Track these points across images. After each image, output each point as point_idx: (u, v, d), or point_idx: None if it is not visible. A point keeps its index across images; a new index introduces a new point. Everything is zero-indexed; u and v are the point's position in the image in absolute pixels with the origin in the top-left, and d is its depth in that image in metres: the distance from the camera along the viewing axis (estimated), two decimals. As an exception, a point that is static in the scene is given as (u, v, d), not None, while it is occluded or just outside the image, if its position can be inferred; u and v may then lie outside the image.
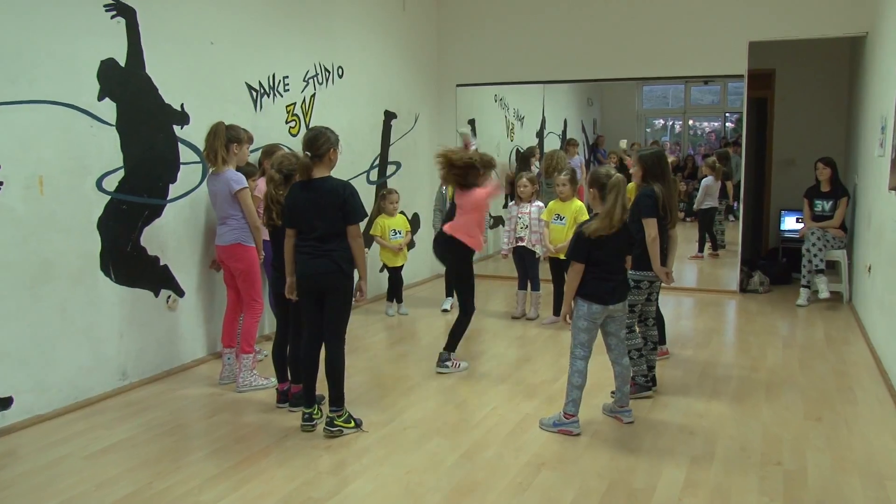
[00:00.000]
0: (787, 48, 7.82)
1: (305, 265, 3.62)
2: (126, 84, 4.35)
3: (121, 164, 4.34)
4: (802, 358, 5.05)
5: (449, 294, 6.69)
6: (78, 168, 4.10)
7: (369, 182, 7.08)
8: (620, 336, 3.77)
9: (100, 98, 4.20)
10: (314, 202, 3.58)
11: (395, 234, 6.37)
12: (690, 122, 9.51)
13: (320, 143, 3.59)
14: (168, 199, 4.69)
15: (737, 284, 7.41)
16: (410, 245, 6.58)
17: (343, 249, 3.60)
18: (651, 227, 4.01)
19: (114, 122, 4.29)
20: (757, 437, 3.65)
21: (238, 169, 4.47)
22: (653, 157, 4.14)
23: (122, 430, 3.82)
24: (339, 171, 6.16)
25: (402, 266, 6.49)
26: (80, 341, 4.16)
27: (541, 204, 6.16)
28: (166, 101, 4.64)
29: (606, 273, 3.59)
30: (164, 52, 4.60)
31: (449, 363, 4.80)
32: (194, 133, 4.81)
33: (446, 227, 4.76)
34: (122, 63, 4.34)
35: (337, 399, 3.69)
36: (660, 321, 4.79)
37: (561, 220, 5.88)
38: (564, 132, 9.13)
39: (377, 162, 7.19)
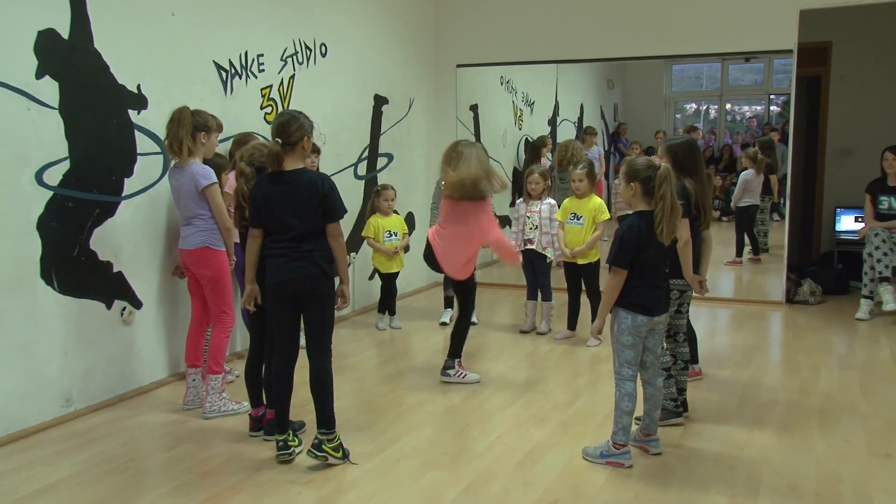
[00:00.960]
0: (847, 17, 7.78)
1: (280, 269, 3.63)
2: (70, 60, 4.34)
3: (65, 153, 4.33)
4: (864, 381, 5.02)
5: (448, 305, 6.70)
6: (12, 158, 4.08)
7: (357, 177, 7.08)
8: (658, 353, 3.78)
9: (38, 76, 4.18)
10: (288, 197, 3.59)
11: (391, 235, 6.38)
12: (728, 106, 9.51)
13: (293, 130, 3.61)
14: (122, 195, 4.68)
15: (782, 294, 7.40)
16: (405, 249, 6.59)
17: (323, 250, 3.63)
18: (683, 228, 3.99)
19: (56, 105, 4.27)
20: (810, 475, 3.61)
21: (206, 161, 4.48)
22: (683, 146, 4.13)
23: (65, 466, 3.79)
24: (326, 164, 6.28)
25: (398, 273, 6.52)
26: (14, 362, 4.13)
27: (552, 202, 6.16)
28: (119, 82, 4.64)
29: (652, 279, 3.62)
30: (115, 23, 4.60)
31: (452, 371, 4.87)
32: (154, 119, 4.81)
33: (433, 236, 4.77)
34: (65, 35, 4.32)
35: (327, 421, 3.70)
36: (691, 337, 4.78)
37: (578, 219, 5.88)
38: (580, 119, 9.14)
39: (366, 154, 7.20)
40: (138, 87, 4.76)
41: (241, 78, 5.59)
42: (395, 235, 6.41)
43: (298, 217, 3.59)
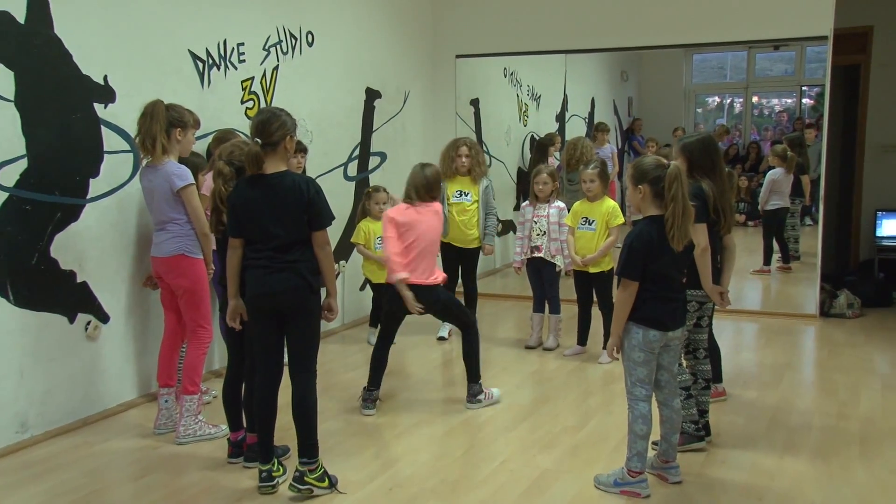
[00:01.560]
0: (891, -1, 7.76)
1: (263, 282, 3.63)
2: (27, 47, 4.33)
3: (22, 151, 4.33)
4: (909, 403, 5.02)
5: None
6: (-38, 156, 4.09)
7: (347, 178, 7.09)
8: (674, 371, 3.78)
9: (-11, 64, 4.20)
10: (270, 203, 3.59)
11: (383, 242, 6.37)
12: (755, 98, 9.52)
13: (273, 129, 3.61)
14: (88, 197, 4.67)
15: (816, 306, 7.39)
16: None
17: (309, 260, 3.65)
18: (700, 234, 3.99)
19: (11, 97, 4.27)
20: (849, 507, 3.61)
21: (182, 160, 4.49)
22: (699, 144, 4.12)
23: (19, 499, 3.76)
24: (312, 165, 6.28)
25: (390, 283, 6.52)
26: (-33, 381, 4.13)
27: (562, 205, 6.17)
28: (84, 72, 4.64)
29: (666, 291, 3.61)
30: (79, 6, 4.60)
31: (482, 396, 4.92)
32: (123, 114, 4.81)
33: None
34: (21, 19, 4.32)
35: (309, 449, 3.69)
36: (714, 353, 4.77)
37: (590, 224, 5.88)
38: (591, 115, 9.15)
39: (357, 153, 7.20)
40: (105, 78, 4.75)
41: (219, 69, 5.60)
42: (389, 242, 6.41)
43: (282, 225, 3.59)
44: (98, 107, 4.72)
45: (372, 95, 7.38)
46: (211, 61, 5.53)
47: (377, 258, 6.31)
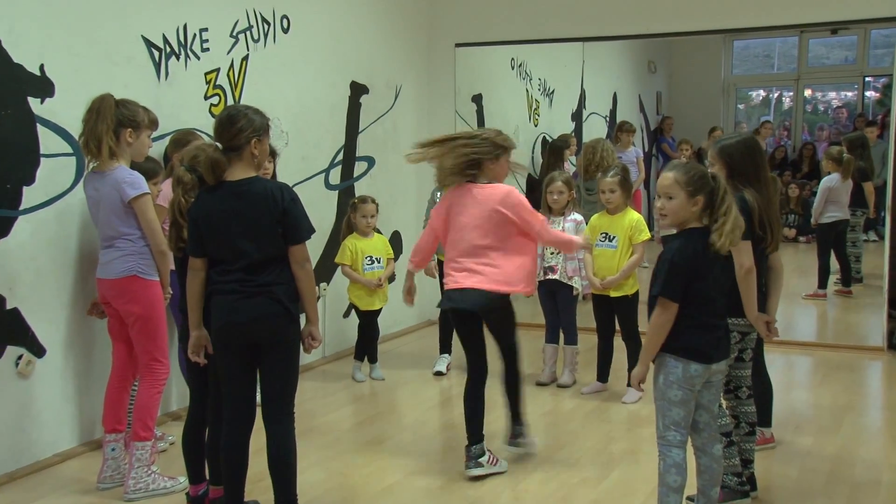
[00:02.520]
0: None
1: (232, 309, 3.63)
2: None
3: (-59, 154, 4.35)
4: None
5: (445, 350, 6.71)
6: None
7: (329, 187, 7.10)
8: (714, 411, 3.76)
9: None
10: (238, 214, 3.61)
11: (372, 262, 6.39)
12: (808, 92, 9.55)
13: (236, 129, 3.64)
14: (20, 208, 4.67)
15: (882, 338, 7.36)
16: (390, 279, 6.57)
17: (287, 282, 3.66)
18: (744, 253, 3.97)
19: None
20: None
21: (134, 166, 4.49)
22: (741, 146, 4.13)
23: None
24: (287, 172, 6.28)
25: (381, 310, 6.53)
26: None
27: (579, 218, 6.18)
28: (15, 60, 4.64)
29: (709, 316, 3.62)
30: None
31: (524, 440, 4.92)
32: (63, 110, 4.81)
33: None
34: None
35: (287, 507, 3.71)
36: (765, 392, 4.75)
37: (610, 240, 5.88)
38: (613, 113, 9.18)
39: (340, 157, 7.22)
40: (41, 68, 4.76)
41: (178, 59, 5.60)
42: (378, 262, 6.41)
43: (252, 240, 3.60)
44: (33, 102, 4.71)
45: (358, 91, 7.39)
46: (169, 49, 5.53)
47: (365, 282, 6.31)
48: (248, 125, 3.65)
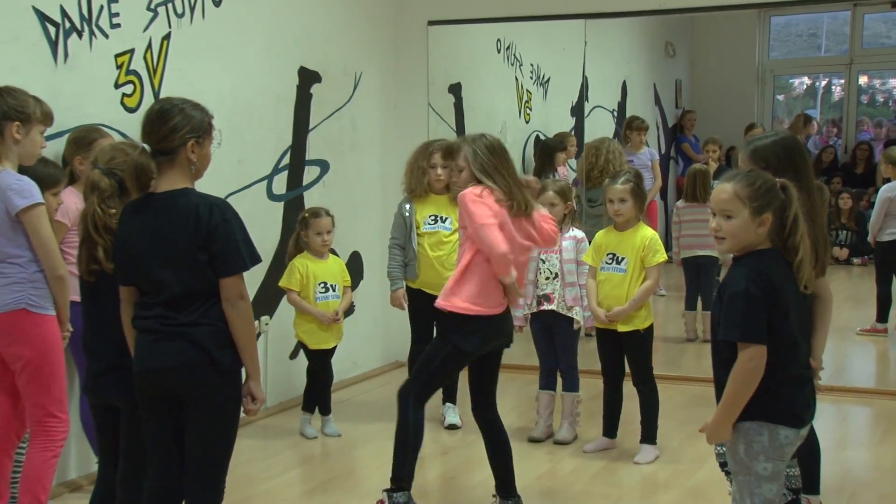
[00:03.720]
0: None
1: (148, 353, 3.64)
2: None
3: None
4: None
5: (449, 399, 6.65)
6: None
7: (273, 197, 7.06)
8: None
9: None
10: (156, 237, 3.62)
11: (326, 290, 6.35)
12: (863, 80, 9.58)
13: (169, 128, 3.63)
14: None
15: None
16: (348, 311, 6.53)
17: (213, 322, 3.64)
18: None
19: None
20: None
21: (24, 170, 4.45)
22: (778, 148, 4.14)
23: None
24: (220, 178, 6.22)
25: (335, 349, 6.49)
26: None
27: (580, 234, 6.18)
28: None
29: (797, 365, 3.60)
30: None
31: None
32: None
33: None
34: None
35: None
36: (808, 451, 4.71)
37: (619, 262, 5.86)
38: (622, 106, 9.20)
39: (287, 161, 7.18)
40: None
41: (81, 37, 5.52)
42: (334, 290, 6.36)
43: (171, 268, 3.59)
44: None
45: (308, 79, 7.35)
46: (69, 25, 5.44)
47: (319, 314, 6.26)
48: (184, 123, 3.62)
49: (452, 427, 6.55)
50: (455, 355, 4.82)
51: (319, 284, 6.30)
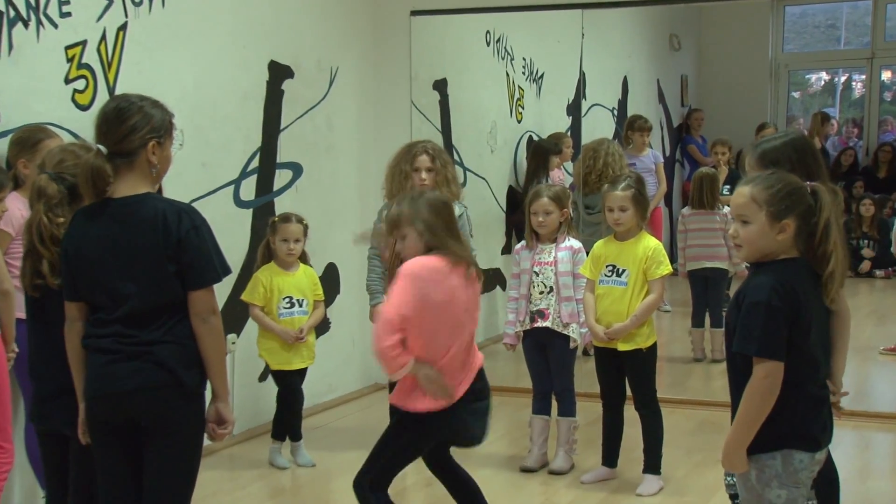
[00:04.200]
0: None
1: (103, 375, 3.64)
2: None
3: None
4: None
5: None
6: None
7: (240, 203, 7.06)
8: None
9: None
10: (117, 245, 3.62)
11: (292, 305, 6.34)
12: (886, 75, 9.61)
13: (128, 128, 3.62)
14: None
15: None
16: (322, 328, 6.49)
17: (179, 340, 3.65)
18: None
19: None
20: None
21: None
22: (788, 149, 4.16)
23: None
24: (181, 183, 6.19)
25: (304, 371, 6.48)
26: None
27: (577, 244, 6.19)
28: None
29: (815, 385, 3.62)
30: None
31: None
32: None
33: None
34: None
35: None
36: (826, 480, 4.68)
37: (619, 275, 5.87)
38: (623, 104, 9.22)
39: (256, 164, 7.18)
40: None
41: (27, 27, 5.51)
42: (301, 305, 6.36)
43: (133, 280, 3.59)
44: None
45: (279, 73, 7.36)
46: (13, 14, 5.43)
47: (281, 331, 6.25)
48: (143, 123, 3.62)
49: None
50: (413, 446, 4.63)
51: (284, 299, 6.31)
